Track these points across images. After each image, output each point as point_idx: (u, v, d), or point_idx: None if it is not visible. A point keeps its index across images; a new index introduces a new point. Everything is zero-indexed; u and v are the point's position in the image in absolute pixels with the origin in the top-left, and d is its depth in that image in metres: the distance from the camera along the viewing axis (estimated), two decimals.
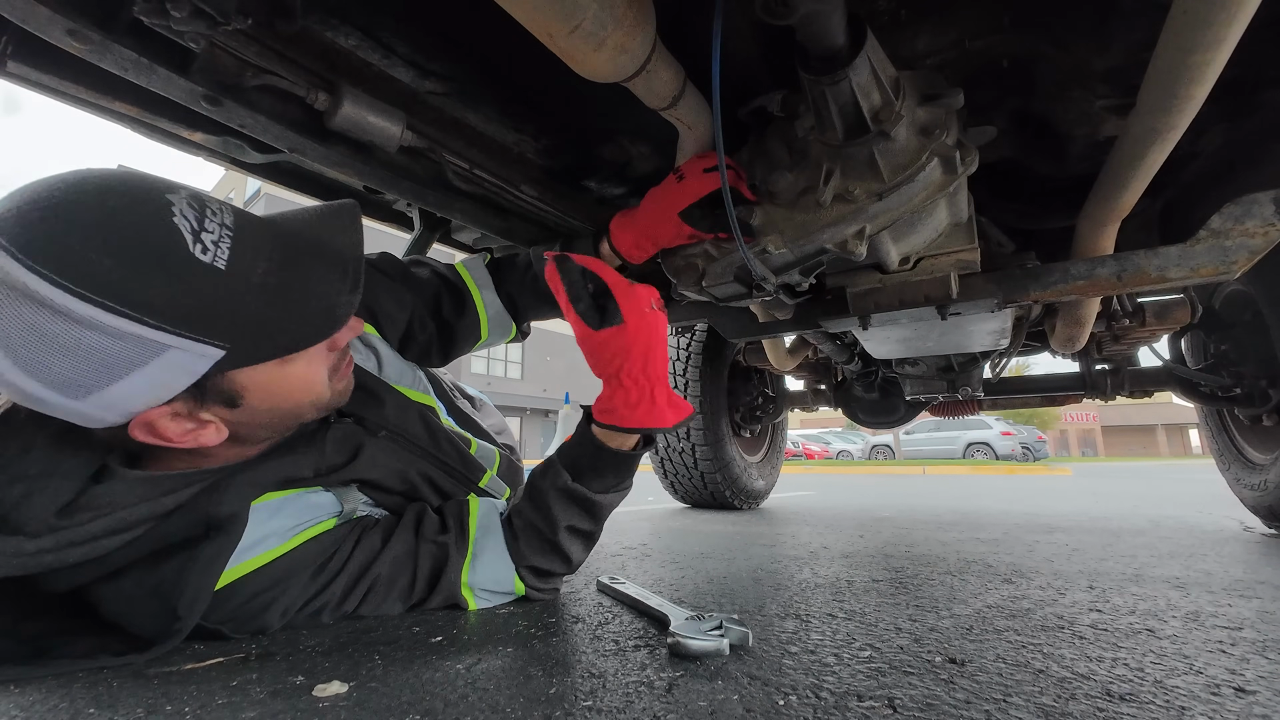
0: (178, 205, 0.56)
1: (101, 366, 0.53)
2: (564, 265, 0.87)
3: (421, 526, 0.82)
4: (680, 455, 2.33)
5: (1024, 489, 4.50)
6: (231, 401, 0.63)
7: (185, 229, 0.55)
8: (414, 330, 1.00)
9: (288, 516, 0.72)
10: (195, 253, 0.55)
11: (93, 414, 0.56)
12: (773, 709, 0.51)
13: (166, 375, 0.56)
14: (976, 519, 2.16)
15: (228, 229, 0.58)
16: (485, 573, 0.84)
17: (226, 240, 0.58)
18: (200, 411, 0.62)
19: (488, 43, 0.83)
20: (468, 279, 1.05)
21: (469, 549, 0.83)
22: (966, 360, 1.78)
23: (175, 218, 0.55)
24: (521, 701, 0.52)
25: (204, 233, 0.56)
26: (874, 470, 11.25)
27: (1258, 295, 1.36)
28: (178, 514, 0.65)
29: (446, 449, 0.94)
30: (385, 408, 0.86)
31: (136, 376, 0.55)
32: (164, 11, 0.59)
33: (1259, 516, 1.85)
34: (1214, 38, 0.58)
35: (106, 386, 0.54)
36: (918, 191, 0.80)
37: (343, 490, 0.79)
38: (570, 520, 0.86)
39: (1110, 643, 0.70)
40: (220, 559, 0.64)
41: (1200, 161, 1.07)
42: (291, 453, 0.73)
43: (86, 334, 0.51)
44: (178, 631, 0.63)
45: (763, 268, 0.90)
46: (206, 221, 0.57)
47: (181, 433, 0.61)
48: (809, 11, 0.57)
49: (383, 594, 0.78)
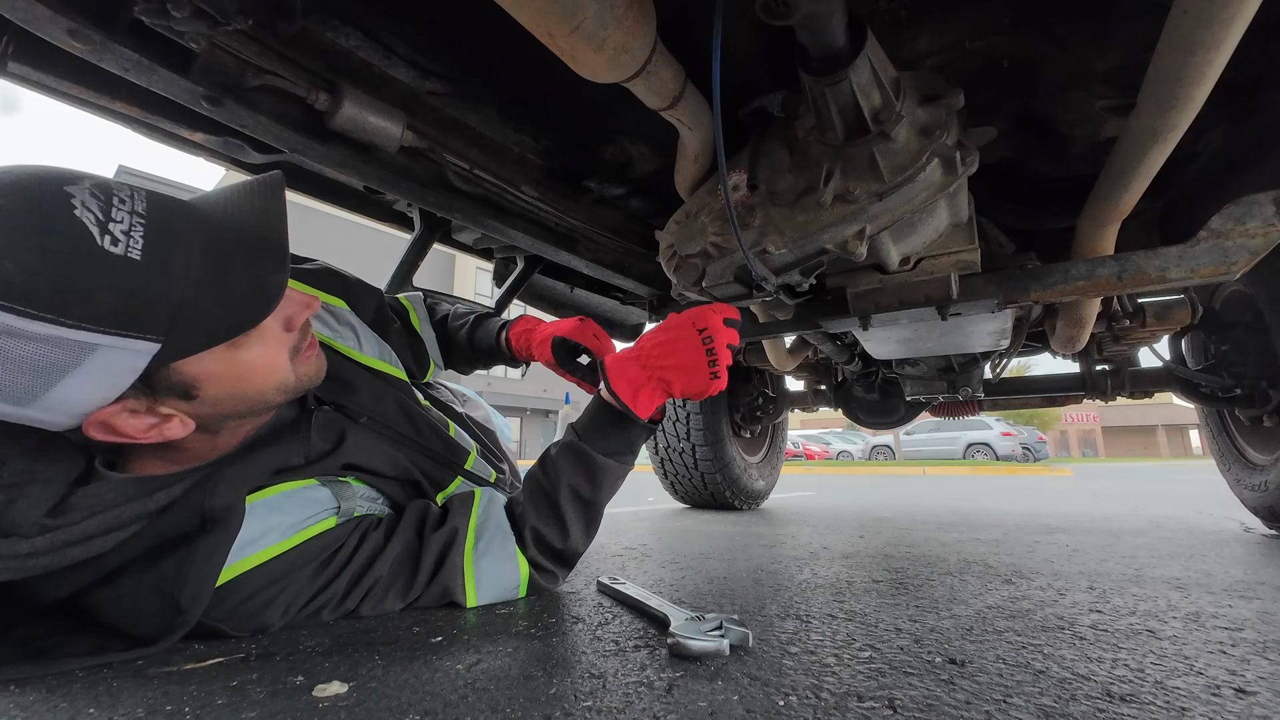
0: (79, 197, 0.53)
1: (33, 372, 0.52)
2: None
3: (424, 524, 0.83)
4: (680, 455, 2.33)
5: (1024, 489, 4.50)
6: (186, 393, 0.62)
7: (90, 221, 0.52)
8: (385, 317, 1.04)
9: (289, 513, 0.71)
10: (104, 245, 0.52)
11: (43, 418, 0.56)
12: (773, 709, 0.51)
13: (106, 374, 0.55)
14: (977, 519, 2.16)
15: (139, 216, 0.56)
16: (488, 570, 0.83)
17: (139, 229, 0.55)
18: (158, 406, 0.61)
19: (488, 43, 0.83)
20: (411, 311, 1.15)
21: (470, 545, 0.83)
22: (967, 361, 1.78)
23: (77, 210, 0.52)
24: (521, 701, 0.52)
25: (112, 223, 0.53)
26: (874, 471, 11.25)
27: (1258, 296, 1.35)
28: (171, 510, 0.64)
29: (427, 433, 0.94)
30: (359, 394, 0.87)
31: (74, 379, 0.54)
32: (165, 12, 0.59)
33: (1259, 517, 1.85)
34: (1214, 38, 0.58)
35: (46, 391, 0.53)
36: (918, 192, 0.80)
37: (339, 486, 0.79)
38: (571, 479, 0.87)
39: (1110, 643, 0.70)
40: (219, 551, 0.64)
41: (1201, 162, 1.07)
42: (277, 443, 0.74)
43: (8, 342, 0.50)
44: (182, 625, 0.63)
45: (763, 268, 0.90)
46: (114, 211, 0.54)
47: (144, 428, 0.61)
48: (809, 12, 0.57)
49: (383, 592, 0.78)
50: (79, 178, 0.55)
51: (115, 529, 0.62)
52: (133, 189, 0.58)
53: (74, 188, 0.53)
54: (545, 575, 0.89)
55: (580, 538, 0.90)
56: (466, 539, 0.83)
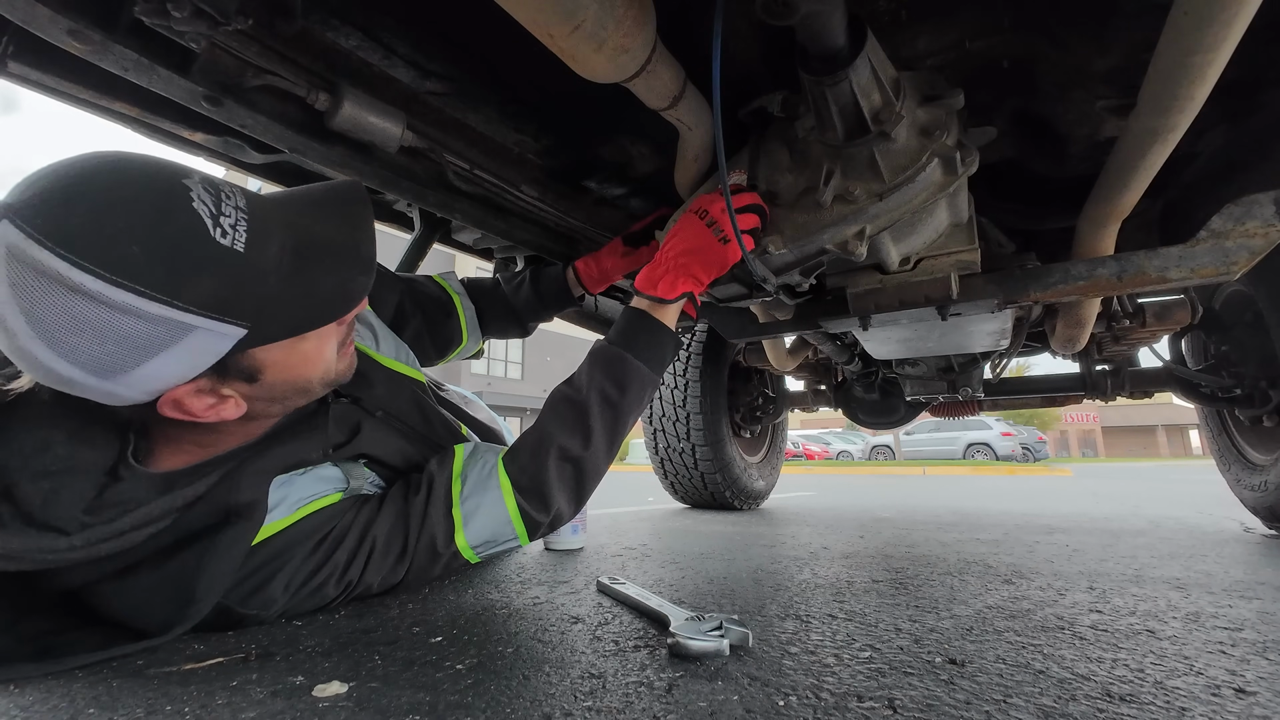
0: (195, 190, 0.57)
1: (132, 348, 0.55)
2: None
3: (408, 489, 0.83)
4: (680, 455, 2.33)
5: (1024, 490, 4.50)
6: (251, 377, 0.65)
7: (205, 214, 0.57)
8: (405, 311, 1.07)
9: (298, 487, 0.74)
10: (216, 236, 0.57)
11: (121, 392, 0.58)
12: (773, 710, 0.51)
13: (192, 355, 0.58)
14: (976, 519, 2.16)
15: (243, 212, 0.60)
16: (474, 509, 0.82)
17: (243, 224, 0.59)
18: (221, 387, 0.64)
19: (488, 43, 0.83)
20: (447, 286, 1.18)
21: (456, 490, 0.82)
22: (967, 361, 1.78)
23: (194, 203, 0.56)
24: (521, 701, 0.52)
25: (222, 216, 0.58)
26: (874, 471, 11.25)
27: (1258, 296, 1.36)
28: (198, 505, 0.67)
29: (440, 430, 0.95)
30: (375, 388, 0.88)
31: (164, 357, 0.56)
32: (165, 12, 0.59)
33: (1259, 517, 1.85)
34: (1214, 38, 0.57)
35: (136, 367, 0.56)
36: (918, 192, 0.80)
37: (350, 465, 0.80)
38: (601, 382, 0.86)
39: (1110, 644, 0.70)
40: (241, 543, 0.66)
41: (1201, 162, 1.07)
42: (296, 437, 0.76)
43: (119, 318, 0.53)
44: (195, 614, 0.64)
45: (763, 268, 0.90)
46: (223, 205, 0.58)
47: (205, 408, 0.63)
48: (809, 12, 0.57)
49: (381, 557, 0.78)
50: (190, 172, 0.59)
51: (147, 524, 0.64)
52: (231, 186, 0.62)
53: (190, 181, 0.58)
54: (548, 502, 0.84)
55: (602, 447, 0.86)
56: (452, 484, 0.83)
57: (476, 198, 1.10)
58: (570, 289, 1.23)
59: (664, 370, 0.92)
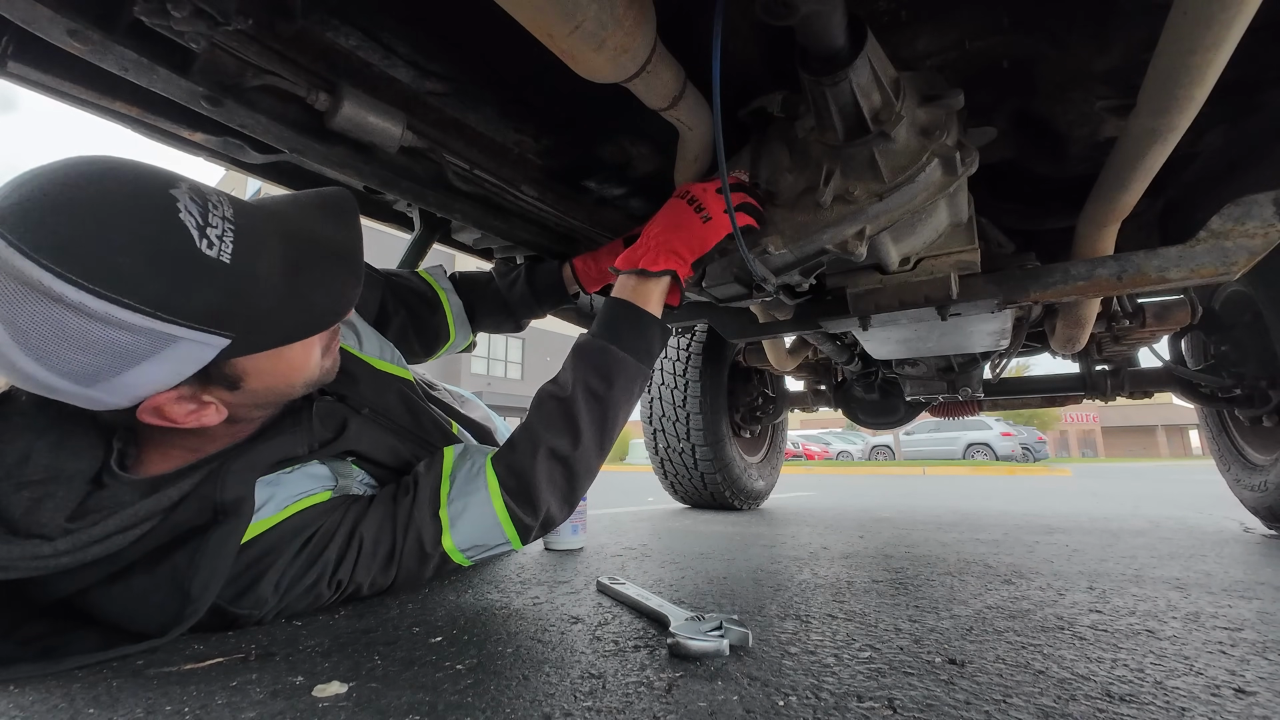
0: (181, 200, 0.57)
1: (114, 357, 0.55)
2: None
3: (397, 490, 0.83)
4: (680, 456, 2.33)
5: (1024, 490, 4.50)
6: (233, 385, 0.65)
7: (191, 225, 0.57)
8: (388, 309, 1.07)
9: (286, 486, 0.73)
10: (202, 248, 0.56)
11: (102, 398, 0.58)
12: (772, 710, 0.51)
13: (175, 364, 0.58)
14: (976, 520, 2.16)
15: (229, 223, 0.60)
16: (461, 510, 0.79)
17: (230, 234, 0.59)
18: (203, 394, 0.64)
19: (488, 43, 0.83)
20: (432, 281, 1.18)
21: (445, 490, 0.81)
22: (966, 361, 1.78)
23: (181, 213, 0.56)
24: (521, 701, 0.52)
25: (208, 228, 0.58)
26: (874, 471, 11.25)
27: (1258, 296, 1.36)
28: (184, 505, 0.66)
29: (429, 427, 0.95)
30: (360, 385, 0.88)
31: (146, 366, 0.57)
32: (164, 12, 0.59)
33: (1259, 517, 1.85)
34: (1214, 38, 0.57)
35: (117, 375, 0.56)
36: (918, 192, 0.80)
37: (338, 463, 0.80)
38: (585, 376, 0.84)
39: (1110, 644, 0.70)
40: (231, 541, 0.66)
41: (1200, 162, 1.07)
42: (281, 434, 0.75)
43: (102, 328, 0.53)
44: (191, 614, 0.64)
45: (763, 268, 0.90)
46: (210, 215, 0.58)
47: (185, 414, 0.63)
48: (809, 12, 0.57)
49: (368, 557, 0.76)
50: (178, 180, 0.59)
51: (132, 526, 0.64)
52: (219, 195, 0.62)
53: (177, 191, 0.57)
54: (537, 504, 0.81)
55: (592, 444, 0.83)
56: (440, 485, 0.81)
57: (476, 198, 1.10)
58: (565, 285, 1.23)
59: (653, 360, 0.89)
